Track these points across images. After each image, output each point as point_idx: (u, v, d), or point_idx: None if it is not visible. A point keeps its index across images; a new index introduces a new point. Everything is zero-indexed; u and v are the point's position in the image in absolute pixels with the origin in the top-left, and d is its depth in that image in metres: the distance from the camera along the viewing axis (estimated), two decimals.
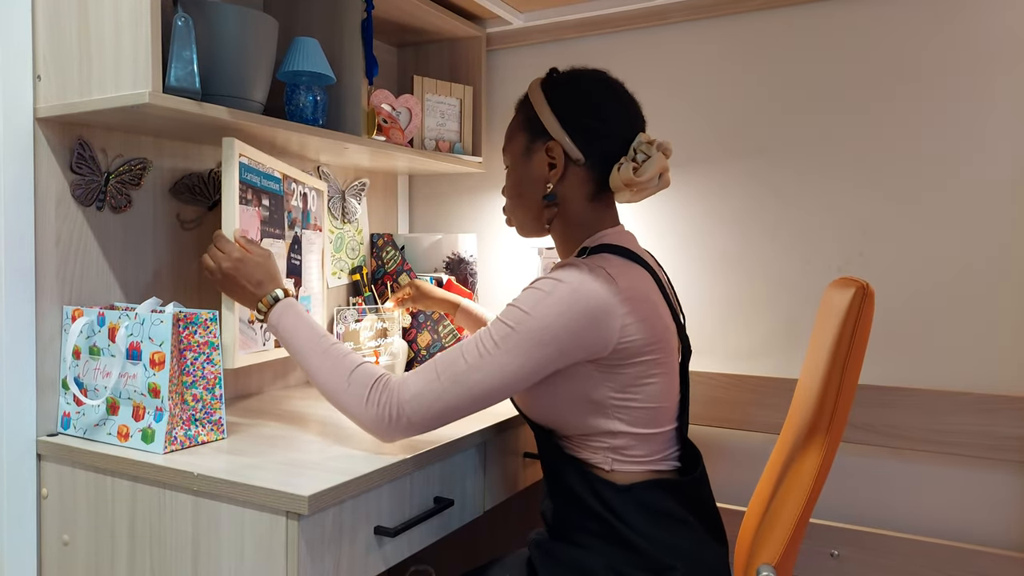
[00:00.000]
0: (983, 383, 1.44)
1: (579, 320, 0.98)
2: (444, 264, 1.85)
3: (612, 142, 1.11)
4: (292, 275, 1.42)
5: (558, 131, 1.11)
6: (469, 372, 1.00)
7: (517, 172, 1.18)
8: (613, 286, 1.00)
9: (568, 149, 1.11)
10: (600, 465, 1.07)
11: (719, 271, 1.68)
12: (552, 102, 1.13)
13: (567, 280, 1.00)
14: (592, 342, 1.00)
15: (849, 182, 1.55)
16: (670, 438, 1.10)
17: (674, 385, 1.09)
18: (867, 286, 1.00)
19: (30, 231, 1.13)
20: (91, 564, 1.10)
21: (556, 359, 1.00)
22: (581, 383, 1.04)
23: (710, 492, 1.14)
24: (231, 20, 1.18)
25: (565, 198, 1.14)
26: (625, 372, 1.03)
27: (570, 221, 1.15)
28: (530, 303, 1.00)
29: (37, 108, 1.13)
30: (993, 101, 1.43)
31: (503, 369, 0.99)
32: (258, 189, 1.28)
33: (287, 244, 1.39)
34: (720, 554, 1.10)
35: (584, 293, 0.99)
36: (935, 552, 1.44)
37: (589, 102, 1.12)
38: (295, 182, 1.44)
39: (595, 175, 1.13)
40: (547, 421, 1.12)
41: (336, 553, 0.97)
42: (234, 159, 1.18)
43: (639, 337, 1.01)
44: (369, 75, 1.48)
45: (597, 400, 1.04)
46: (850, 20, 1.54)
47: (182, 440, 1.10)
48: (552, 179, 1.13)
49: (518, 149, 1.18)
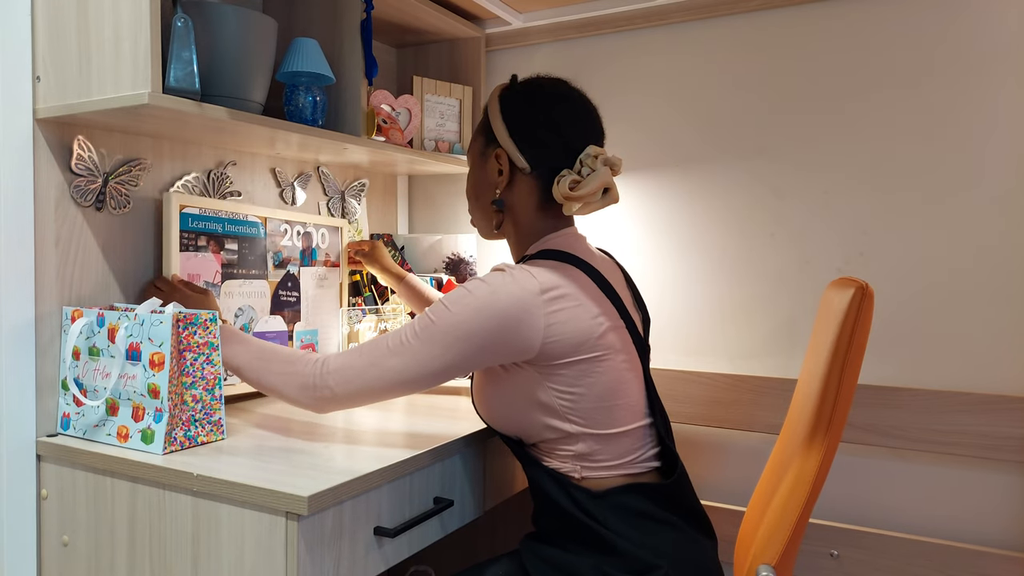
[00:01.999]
0: (983, 383, 1.44)
1: (495, 319, 1.01)
2: (444, 264, 1.85)
3: (558, 154, 1.12)
4: (280, 311, 1.54)
5: (506, 140, 1.14)
6: (388, 356, 1.05)
7: (474, 175, 1.22)
8: (534, 287, 1.02)
9: (514, 158, 1.13)
10: (570, 474, 1.08)
11: (719, 271, 1.68)
12: (504, 110, 1.15)
13: (490, 281, 1.03)
14: (513, 341, 1.02)
15: (849, 182, 1.55)
16: (639, 437, 1.10)
17: (629, 383, 1.09)
18: (866, 286, 1.00)
19: (29, 232, 1.13)
20: (91, 565, 1.10)
21: (475, 356, 1.03)
22: (525, 385, 1.07)
23: (691, 490, 1.13)
24: (230, 21, 1.18)
25: (513, 205, 1.17)
26: (563, 372, 1.04)
27: (519, 228, 1.18)
28: (452, 299, 1.04)
29: (36, 109, 1.13)
30: (994, 101, 1.43)
31: (417, 358, 1.04)
32: (218, 235, 1.40)
33: (272, 283, 1.52)
34: (707, 548, 1.09)
35: (503, 294, 1.02)
36: (935, 552, 1.44)
37: (540, 112, 1.13)
38: (287, 223, 1.55)
39: (542, 185, 1.14)
40: (508, 429, 1.13)
41: (336, 553, 0.97)
42: (172, 214, 1.30)
43: (567, 336, 1.02)
44: (368, 75, 1.48)
45: (546, 402, 1.06)
46: (850, 20, 1.54)
47: (182, 441, 1.10)
48: (500, 185, 1.16)
49: (476, 152, 1.21)
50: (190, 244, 1.34)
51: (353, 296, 1.81)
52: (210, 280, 1.38)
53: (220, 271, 1.40)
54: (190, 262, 1.34)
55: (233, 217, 1.43)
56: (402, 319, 1.73)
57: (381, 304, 1.77)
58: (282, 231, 1.54)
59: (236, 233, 1.44)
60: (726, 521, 1.64)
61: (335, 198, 1.75)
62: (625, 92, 1.78)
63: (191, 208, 1.34)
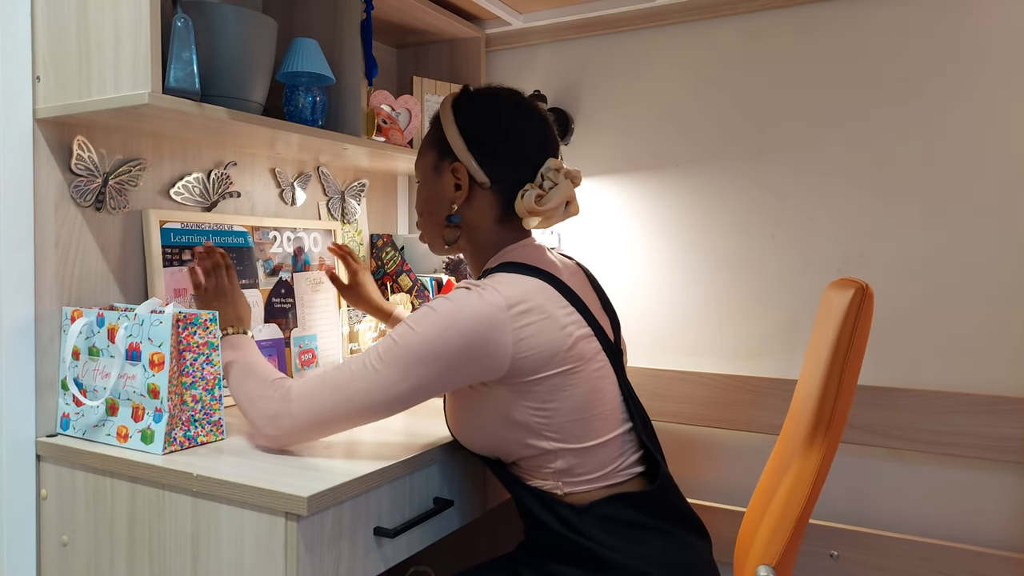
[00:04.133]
0: (982, 384, 1.44)
1: (462, 337, 0.97)
2: (444, 265, 1.85)
3: (519, 167, 1.09)
4: (275, 319, 1.53)
5: (464, 153, 1.10)
6: (351, 382, 1.00)
7: (426, 190, 1.17)
8: (501, 302, 0.99)
9: (473, 172, 1.10)
10: (552, 491, 1.06)
11: (719, 272, 1.68)
12: (460, 122, 1.11)
13: (454, 299, 0.99)
14: (482, 359, 0.98)
15: (849, 183, 1.55)
16: (620, 444, 1.08)
17: (604, 392, 1.06)
18: (866, 287, 1.00)
19: (29, 232, 1.13)
20: (90, 565, 1.10)
21: (442, 377, 0.99)
22: (499, 405, 1.03)
23: (678, 492, 1.11)
24: (230, 21, 1.18)
25: (470, 220, 1.13)
26: (536, 389, 1.01)
27: (477, 243, 1.14)
28: (416, 319, 1.00)
29: (36, 109, 1.13)
30: (993, 101, 1.43)
31: (382, 382, 0.99)
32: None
33: (264, 291, 1.52)
34: (699, 549, 1.08)
35: (469, 311, 0.98)
36: (934, 553, 1.44)
37: (498, 125, 1.10)
38: (276, 231, 1.55)
39: (501, 199, 1.11)
40: (485, 450, 1.11)
41: (335, 554, 0.97)
42: (152, 231, 1.30)
43: (536, 351, 0.99)
44: (368, 76, 1.49)
45: (521, 420, 1.03)
46: (851, 21, 1.54)
47: (181, 441, 1.10)
48: (457, 200, 1.12)
49: (427, 166, 1.16)
50: (174, 259, 1.33)
51: None
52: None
53: None
54: (174, 277, 1.33)
55: (218, 228, 1.42)
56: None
57: None
58: (271, 238, 1.53)
59: (222, 244, 1.43)
60: (726, 522, 1.64)
61: (335, 198, 1.75)
62: (625, 92, 1.78)
63: (172, 223, 1.33)
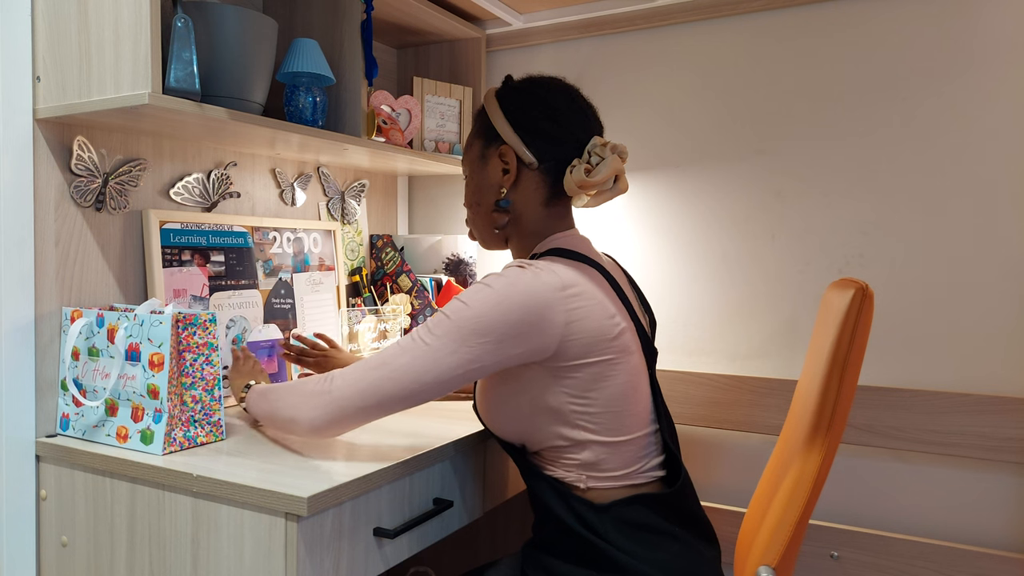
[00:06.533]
0: (983, 384, 1.44)
1: (515, 313, 0.97)
2: (443, 265, 1.85)
3: (565, 145, 1.11)
4: (275, 319, 1.54)
5: (510, 135, 1.11)
6: (398, 355, 0.99)
7: (474, 180, 1.18)
8: (556, 282, 0.99)
9: (520, 153, 1.11)
10: (575, 484, 1.05)
11: (719, 272, 1.68)
12: (504, 107, 1.13)
13: (507, 275, 0.99)
14: (532, 337, 0.98)
15: (849, 183, 1.55)
16: (645, 445, 1.08)
17: (639, 389, 1.06)
18: (866, 287, 1.00)
19: (29, 232, 1.13)
20: (90, 566, 1.10)
21: (493, 353, 0.98)
22: (536, 390, 1.03)
23: (695, 497, 1.11)
24: (231, 21, 1.18)
25: (519, 204, 1.13)
26: (577, 375, 1.01)
27: (524, 229, 1.15)
28: (469, 295, 0.99)
29: (37, 109, 1.13)
30: (994, 101, 1.43)
31: (433, 355, 0.98)
32: (202, 248, 1.40)
33: (264, 291, 1.52)
34: (710, 558, 1.08)
35: (523, 288, 0.98)
36: (935, 553, 1.44)
37: (541, 105, 1.12)
38: (276, 231, 1.55)
39: (549, 179, 1.12)
40: (513, 436, 1.10)
41: (335, 554, 0.97)
42: (152, 231, 1.30)
43: (586, 334, 1.00)
44: (369, 76, 1.49)
45: (556, 407, 1.03)
46: (850, 21, 1.54)
47: (181, 441, 1.10)
48: (506, 184, 1.13)
49: (474, 156, 1.18)
50: (173, 259, 1.34)
51: (352, 297, 1.81)
52: (197, 294, 1.37)
53: (207, 284, 1.40)
54: (174, 277, 1.33)
55: (218, 229, 1.43)
56: (402, 320, 1.73)
57: (381, 304, 1.77)
58: (271, 239, 1.54)
59: (222, 245, 1.43)
60: (726, 522, 1.64)
61: (335, 199, 1.75)
62: (626, 93, 1.78)
63: (172, 224, 1.34)
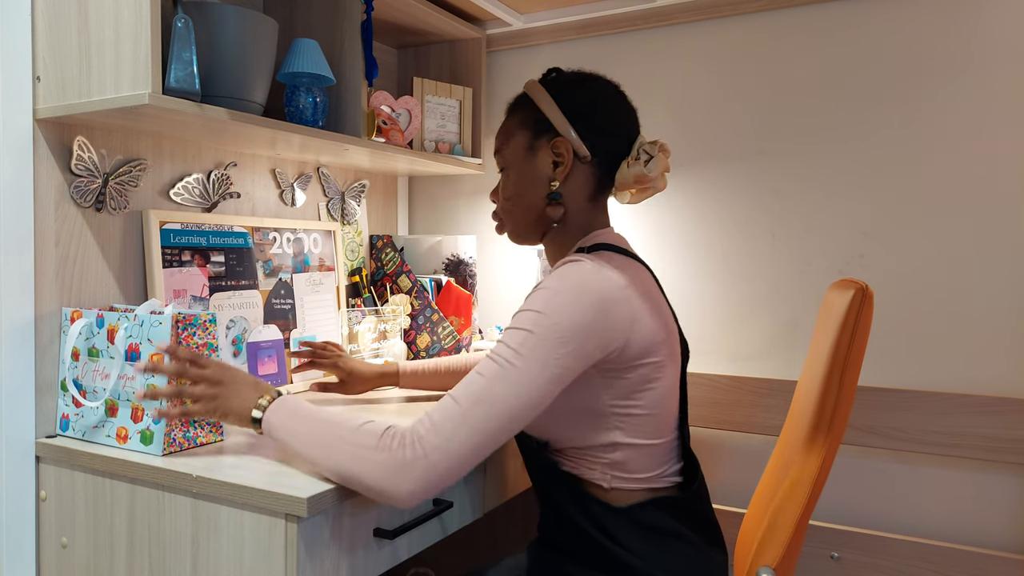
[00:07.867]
0: (984, 385, 1.44)
1: (589, 311, 0.94)
2: (443, 266, 1.85)
3: (618, 141, 1.12)
4: (275, 320, 1.53)
5: (565, 127, 1.10)
6: (491, 386, 0.90)
7: (516, 172, 1.15)
8: (619, 279, 0.98)
9: (576, 146, 1.10)
10: (598, 483, 1.04)
11: (720, 273, 1.68)
12: (558, 99, 1.12)
13: (573, 275, 0.96)
14: (605, 333, 0.95)
15: (849, 184, 1.55)
16: (670, 449, 1.08)
17: (675, 391, 1.07)
18: (866, 288, 1.00)
19: (29, 232, 1.13)
20: (90, 566, 1.10)
21: (578, 358, 0.94)
22: (581, 392, 1.00)
23: (708, 501, 1.11)
24: (231, 21, 1.18)
25: (567, 196, 1.12)
26: (628, 377, 1.00)
27: (568, 223, 1.14)
28: (541, 303, 0.94)
29: (37, 109, 1.13)
30: (994, 101, 1.43)
31: (529, 376, 0.91)
32: (202, 248, 1.40)
33: (264, 292, 1.51)
34: (718, 563, 1.08)
35: (592, 285, 0.96)
36: (936, 554, 1.44)
37: (597, 101, 1.12)
38: (276, 231, 1.56)
39: (599, 173, 1.12)
40: (542, 433, 1.08)
41: (335, 555, 0.97)
42: (152, 231, 1.30)
43: (648, 333, 0.99)
44: (369, 76, 1.48)
45: (597, 409, 1.01)
46: (851, 21, 1.54)
47: (181, 442, 1.09)
48: (558, 176, 1.11)
49: (519, 148, 1.14)
50: (173, 260, 1.34)
51: (352, 297, 1.81)
52: (197, 294, 1.37)
53: (207, 284, 1.39)
54: (174, 278, 1.33)
55: (218, 229, 1.43)
56: (402, 320, 1.73)
57: (380, 305, 1.77)
58: (271, 239, 1.54)
59: (222, 245, 1.43)
60: (727, 523, 1.64)
61: (335, 199, 1.75)
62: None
63: (172, 224, 1.34)
